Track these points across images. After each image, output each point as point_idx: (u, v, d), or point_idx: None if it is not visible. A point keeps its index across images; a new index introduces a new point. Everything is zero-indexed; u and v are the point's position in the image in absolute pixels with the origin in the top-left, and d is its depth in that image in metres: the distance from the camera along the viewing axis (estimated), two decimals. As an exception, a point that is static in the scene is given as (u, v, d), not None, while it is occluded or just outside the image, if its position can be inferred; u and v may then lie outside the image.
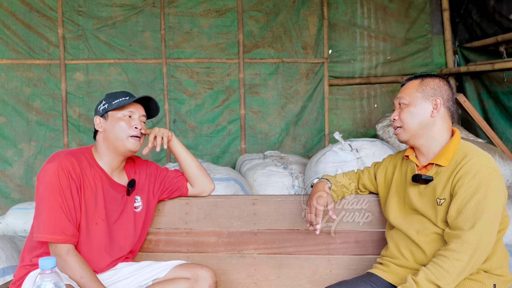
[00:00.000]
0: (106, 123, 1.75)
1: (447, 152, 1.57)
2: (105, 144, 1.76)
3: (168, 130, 1.90)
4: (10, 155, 3.71)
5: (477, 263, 1.43)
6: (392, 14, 4.11)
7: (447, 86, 1.64)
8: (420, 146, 1.65)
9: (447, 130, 1.62)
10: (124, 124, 1.74)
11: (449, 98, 1.63)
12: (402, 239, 1.65)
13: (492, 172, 1.47)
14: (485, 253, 1.44)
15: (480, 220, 1.42)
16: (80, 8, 3.80)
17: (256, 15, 3.99)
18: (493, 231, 1.45)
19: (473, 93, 3.79)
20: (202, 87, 3.95)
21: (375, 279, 1.65)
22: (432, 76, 1.66)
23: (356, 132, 4.16)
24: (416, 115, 1.61)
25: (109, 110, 1.75)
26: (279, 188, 2.89)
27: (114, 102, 1.75)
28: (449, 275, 1.41)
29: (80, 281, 1.56)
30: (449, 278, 1.41)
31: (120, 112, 1.75)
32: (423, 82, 1.64)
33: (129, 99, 1.77)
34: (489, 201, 1.44)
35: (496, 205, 1.45)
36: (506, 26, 3.37)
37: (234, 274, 2.04)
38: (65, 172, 1.61)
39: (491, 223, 1.44)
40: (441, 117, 1.61)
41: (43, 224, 1.57)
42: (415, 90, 1.63)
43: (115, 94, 1.80)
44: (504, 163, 2.94)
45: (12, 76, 3.72)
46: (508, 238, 2.36)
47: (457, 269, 1.41)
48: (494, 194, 1.45)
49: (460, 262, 1.41)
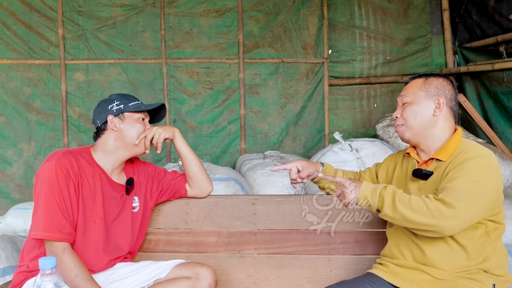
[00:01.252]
0: (122, 123, 1.77)
1: (447, 148, 1.57)
2: (116, 143, 1.77)
3: (170, 128, 1.88)
4: (10, 155, 3.72)
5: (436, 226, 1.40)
6: (391, 15, 4.12)
7: (451, 86, 1.64)
8: (421, 144, 1.65)
9: (449, 129, 1.62)
10: (141, 126, 1.79)
11: (452, 98, 1.63)
12: (402, 238, 1.65)
13: (487, 162, 1.47)
14: (453, 228, 1.41)
15: (470, 197, 1.40)
16: (80, 8, 3.80)
17: (256, 15, 3.99)
18: (475, 214, 1.44)
19: (473, 93, 3.79)
20: (202, 87, 3.96)
21: (375, 279, 1.65)
22: (436, 75, 1.66)
23: (356, 132, 4.17)
24: (419, 114, 1.61)
25: (125, 111, 1.77)
26: (279, 188, 2.89)
27: (131, 104, 1.79)
28: (401, 204, 1.42)
29: (75, 279, 1.56)
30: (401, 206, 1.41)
31: (137, 115, 1.80)
32: (427, 81, 1.64)
33: (143, 104, 1.82)
34: (481, 185, 1.43)
35: (487, 191, 1.44)
36: (506, 26, 3.37)
37: (234, 274, 2.04)
38: (63, 170, 1.61)
39: (478, 204, 1.42)
40: (444, 116, 1.61)
41: (39, 222, 1.57)
42: (418, 89, 1.63)
43: (127, 97, 1.82)
44: (504, 163, 2.94)
45: (12, 76, 3.72)
46: (508, 238, 2.36)
47: (419, 207, 1.40)
48: (484, 181, 1.44)
49: (426, 209, 1.40)
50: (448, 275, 1.51)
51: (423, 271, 1.55)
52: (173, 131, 1.89)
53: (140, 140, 1.78)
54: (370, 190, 1.51)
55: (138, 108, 1.79)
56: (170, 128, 1.89)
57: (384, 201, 1.47)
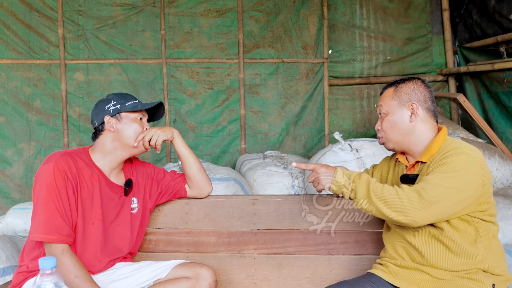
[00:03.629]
0: (119, 124, 1.76)
1: (430, 149, 1.57)
2: (114, 144, 1.76)
3: (168, 129, 1.87)
4: (10, 155, 3.72)
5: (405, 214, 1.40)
6: (392, 14, 4.12)
7: (422, 87, 1.62)
8: (406, 150, 1.66)
9: (431, 129, 1.62)
10: (138, 126, 1.77)
11: (426, 99, 1.61)
12: (398, 240, 1.65)
13: (468, 157, 1.46)
14: (423, 219, 1.41)
15: (445, 189, 1.40)
16: (80, 8, 3.80)
17: (256, 15, 3.99)
18: (451, 206, 1.43)
19: (473, 93, 3.79)
20: (202, 87, 3.96)
21: (375, 279, 1.65)
22: (406, 80, 1.65)
23: (356, 132, 4.17)
24: (395, 124, 1.62)
25: (122, 111, 1.76)
26: (279, 188, 2.89)
27: (128, 104, 1.77)
28: (375, 193, 1.43)
29: (74, 281, 1.56)
30: (375, 195, 1.43)
31: (134, 115, 1.78)
32: (397, 89, 1.64)
33: (141, 103, 1.79)
34: (459, 179, 1.42)
35: (467, 187, 1.43)
36: (506, 26, 3.37)
37: (234, 274, 2.04)
38: (61, 172, 1.62)
39: (454, 197, 1.42)
40: (421, 119, 1.61)
41: (38, 224, 1.58)
42: (390, 98, 1.64)
43: (124, 96, 1.80)
44: (504, 163, 2.94)
45: (12, 76, 3.72)
46: (508, 238, 2.36)
47: (389, 196, 1.41)
48: (463, 175, 1.43)
49: (397, 198, 1.41)
50: (448, 274, 1.51)
51: (423, 271, 1.55)
52: (172, 132, 1.87)
53: (138, 142, 1.78)
54: (344, 177, 1.51)
55: (135, 108, 1.77)
56: (169, 129, 1.87)
57: (357, 190, 1.47)
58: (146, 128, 1.80)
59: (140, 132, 1.78)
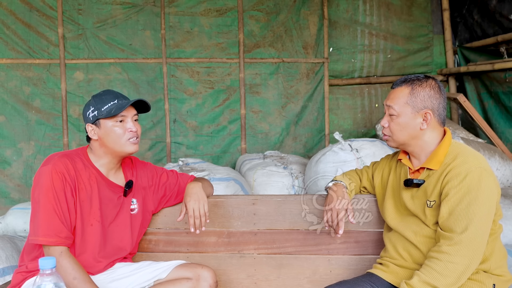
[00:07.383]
0: (100, 131, 1.71)
1: (437, 155, 1.56)
2: (102, 149, 1.74)
3: (203, 198, 1.85)
4: (9, 155, 3.71)
5: (472, 264, 1.43)
6: (395, 11, 4.08)
7: (439, 94, 1.58)
8: (410, 152, 1.66)
9: (438, 135, 1.61)
10: (119, 130, 1.70)
11: (439, 107, 1.59)
12: (399, 240, 1.65)
13: (482, 172, 1.46)
14: (480, 254, 1.44)
15: (472, 222, 1.42)
16: (80, 7, 3.79)
17: (257, 15, 3.99)
18: (486, 231, 1.45)
19: (473, 93, 3.79)
20: (202, 87, 3.95)
21: (375, 279, 1.65)
22: (422, 81, 1.59)
23: (356, 132, 4.16)
24: (405, 128, 1.59)
25: (100, 117, 1.69)
26: (279, 188, 2.89)
27: (104, 108, 1.68)
28: (443, 278, 1.41)
29: (73, 282, 1.56)
30: (444, 280, 1.41)
31: (112, 120, 1.69)
32: (413, 92, 1.58)
33: (118, 105, 1.68)
34: (480, 202, 1.43)
35: (487, 205, 1.45)
36: (506, 26, 3.37)
37: (234, 274, 2.04)
38: (59, 175, 1.61)
39: (483, 224, 1.44)
40: (431, 126, 1.59)
41: (37, 227, 1.59)
42: (404, 102, 1.58)
43: (102, 99, 1.70)
44: (504, 163, 2.94)
45: (12, 75, 3.71)
46: (508, 238, 2.36)
47: (451, 272, 1.41)
48: (485, 195, 1.44)
49: (454, 264, 1.41)
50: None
51: (423, 272, 1.55)
52: (205, 199, 1.87)
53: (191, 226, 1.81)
54: None
55: (109, 114, 1.67)
56: (203, 198, 1.85)
57: None
58: (130, 130, 1.71)
59: (125, 133, 1.70)
